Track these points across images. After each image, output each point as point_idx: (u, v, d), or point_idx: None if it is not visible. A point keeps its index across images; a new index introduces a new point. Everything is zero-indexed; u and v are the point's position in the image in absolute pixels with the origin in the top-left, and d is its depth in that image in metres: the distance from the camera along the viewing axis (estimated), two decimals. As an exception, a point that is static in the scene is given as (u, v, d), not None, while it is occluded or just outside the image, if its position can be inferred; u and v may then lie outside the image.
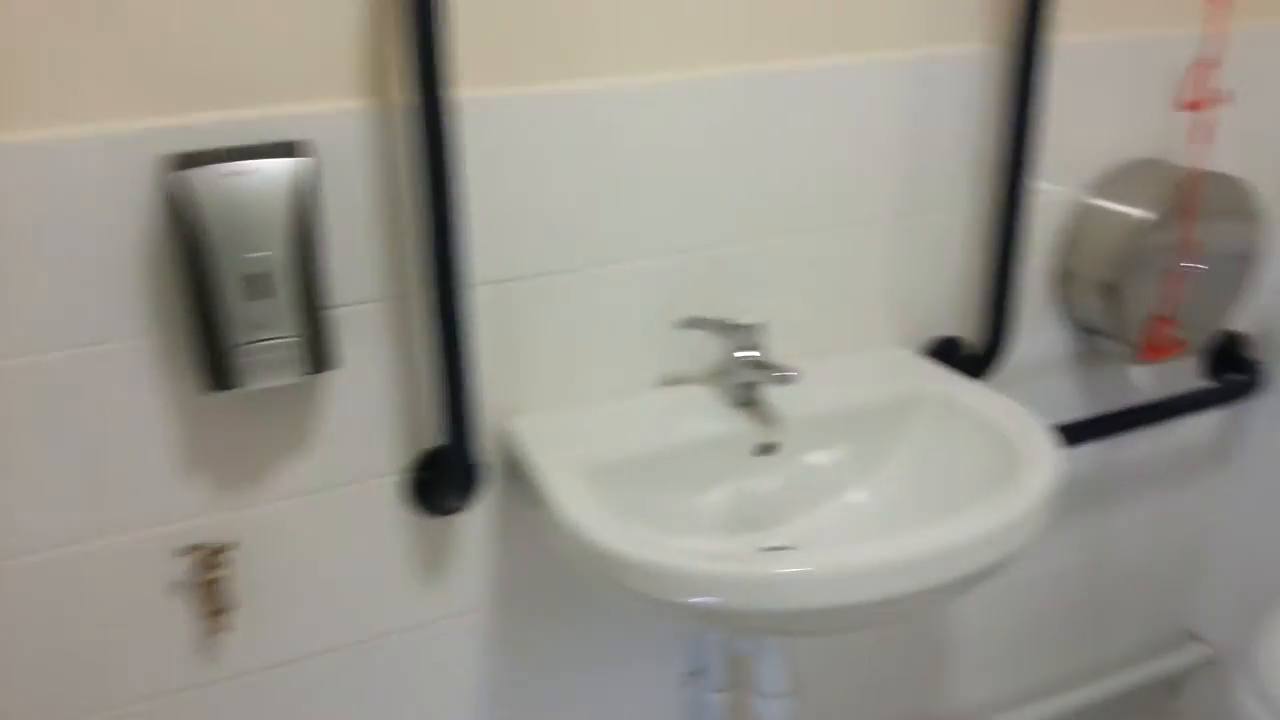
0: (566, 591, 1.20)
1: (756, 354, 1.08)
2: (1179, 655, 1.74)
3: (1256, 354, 1.52)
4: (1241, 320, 1.51)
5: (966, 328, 1.30)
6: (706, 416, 1.09)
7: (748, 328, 1.08)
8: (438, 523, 1.08)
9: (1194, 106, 1.24)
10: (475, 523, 1.10)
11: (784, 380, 1.04)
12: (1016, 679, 1.63)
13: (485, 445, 1.07)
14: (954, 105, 1.17)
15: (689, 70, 1.03)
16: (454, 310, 0.92)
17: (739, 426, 1.09)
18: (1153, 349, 1.32)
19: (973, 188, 1.23)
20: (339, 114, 0.90)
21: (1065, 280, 1.33)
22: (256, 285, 0.83)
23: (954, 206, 1.23)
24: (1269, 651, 1.25)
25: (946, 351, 1.29)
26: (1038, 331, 1.35)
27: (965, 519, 0.90)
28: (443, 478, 1.02)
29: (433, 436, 1.04)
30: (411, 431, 1.03)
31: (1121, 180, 1.29)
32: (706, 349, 1.15)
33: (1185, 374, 1.51)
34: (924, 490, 1.11)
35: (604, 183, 1.03)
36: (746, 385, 1.10)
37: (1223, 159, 1.34)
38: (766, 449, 1.11)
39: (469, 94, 0.94)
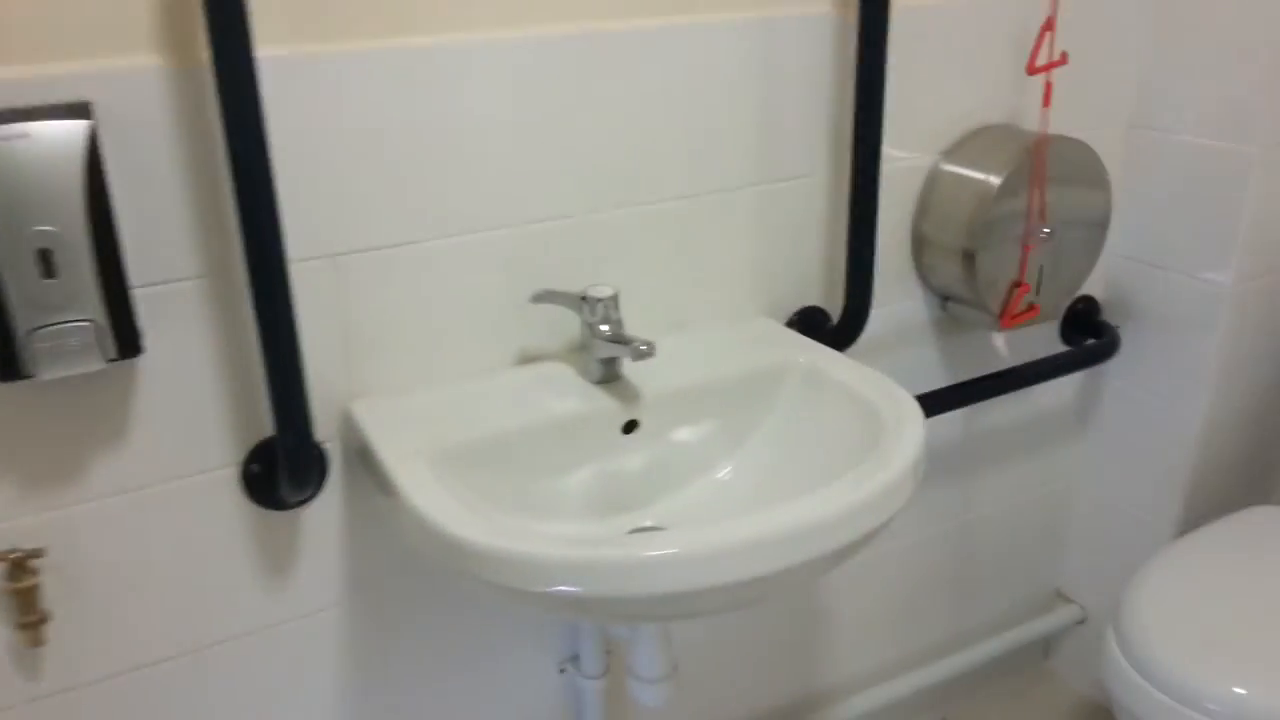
0: (429, 582, 1.14)
1: (614, 328, 1.04)
2: (1049, 616, 1.78)
3: (1108, 318, 1.56)
4: (1093, 285, 1.55)
5: (829, 297, 1.29)
6: (565, 394, 1.05)
7: (604, 300, 1.04)
8: (281, 517, 1.01)
9: (1040, 70, 1.26)
10: (323, 515, 1.03)
11: (642, 354, 1.00)
12: (892, 649, 1.64)
13: (327, 432, 1.00)
14: (803, 69, 1.16)
15: (528, 27, 0.98)
16: (274, 287, 0.85)
17: (600, 404, 1.05)
18: (1010, 315, 1.34)
19: (828, 154, 1.21)
20: (134, 72, 0.81)
21: (923, 248, 1.33)
22: (45, 263, 0.75)
23: (811, 174, 1.21)
24: (1132, 610, 1.28)
25: (810, 321, 1.28)
26: (898, 300, 1.35)
27: (833, 491, 0.88)
28: (280, 469, 0.95)
29: (267, 425, 0.97)
30: (243, 420, 0.96)
31: (974, 146, 1.30)
32: (564, 324, 1.10)
33: (1042, 339, 1.54)
34: (792, 463, 1.09)
35: (441, 148, 0.97)
36: (606, 361, 1.06)
37: (1070, 122, 1.37)
38: (630, 426, 1.07)
39: (282, 50, 0.87)
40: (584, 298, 1.05)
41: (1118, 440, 1.64)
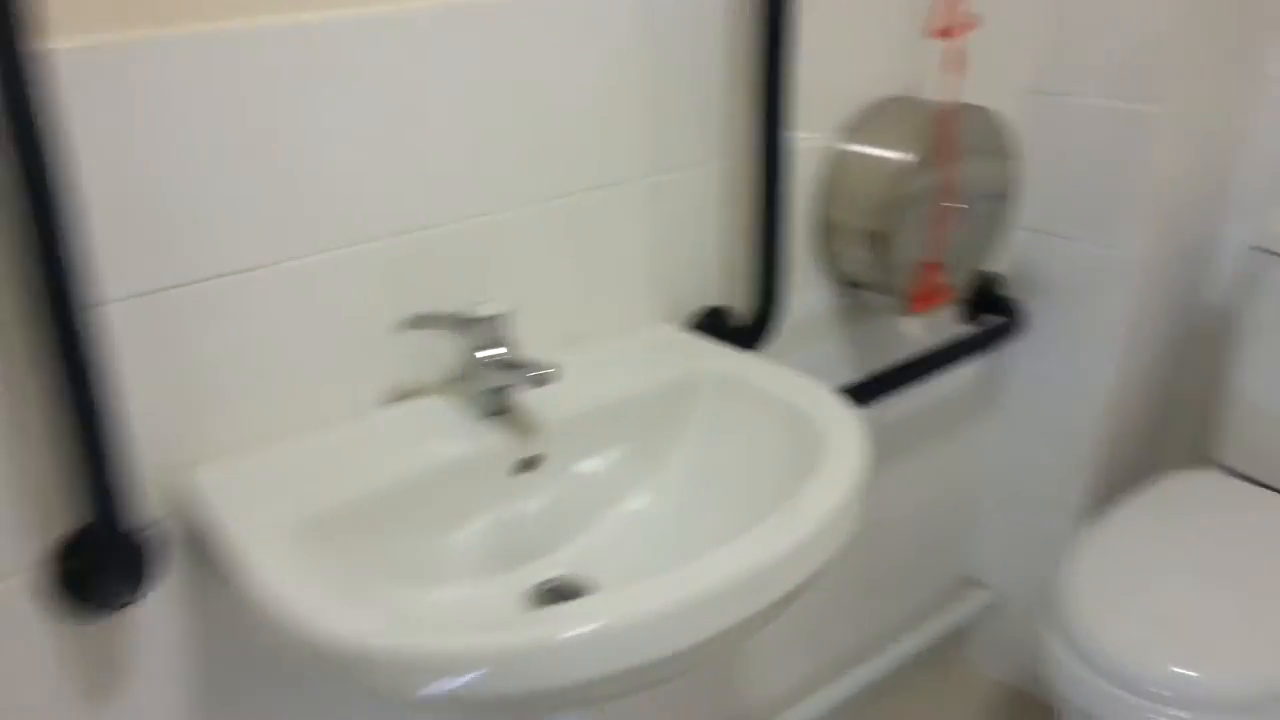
0: (299, 693, 0.95)
1: (503, 351, 0.88)
2: (963, 604, 1.72)
3: (1013, 294, 1.49)
4: (996, 261, 1.48)
5: (733, 295, 1.16)
6: (448, 435, 0.89)
7: (488, 320, 0.89)
8: (102, 623, 0.82)
9: (945, 34, 1.16)
10: (154, 615, 0.84)
11: (541, 380, 0.85)
12: (808, 662, 1.54)
13: (155, 512, 0.81)
14: (694, 48, 1.02)
15: (373, 4, 0.81)
16: (75, 338, 0.66)
17: (490, 442, 0.89)
18: (922, 298, 1.24)
19: (725, 140, 1.09)
20: None
21: (828, 233, 1.22)
22: None
23: (707, 162, 1.08)
24: (1069, 597, 1.21)
25: (715, 323, 1.15)
26: (805, 291, 1.24)
27: (780, 524, 0.76)
28: (97, 565, 0.76)
29: (77, 512, 0.77)
30: (44, 510, 0.76)
31: (876, 121, 1.20)
32: (441, 352, 0.94)
33: (946, 320, 1.46)
34: (717, 485, 0.96)
35: (282, 152, 0.79)
36: (495, 391, 0.91)
37: (970, 89, 1.28)
38: (528, 464, 0.92)
39: (74, 42, 0.68)
40: (466, 319, 0.89)
41: (1022, 417, 1.58)
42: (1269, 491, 1.40)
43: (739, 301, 1.17)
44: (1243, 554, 1.25)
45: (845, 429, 0.88)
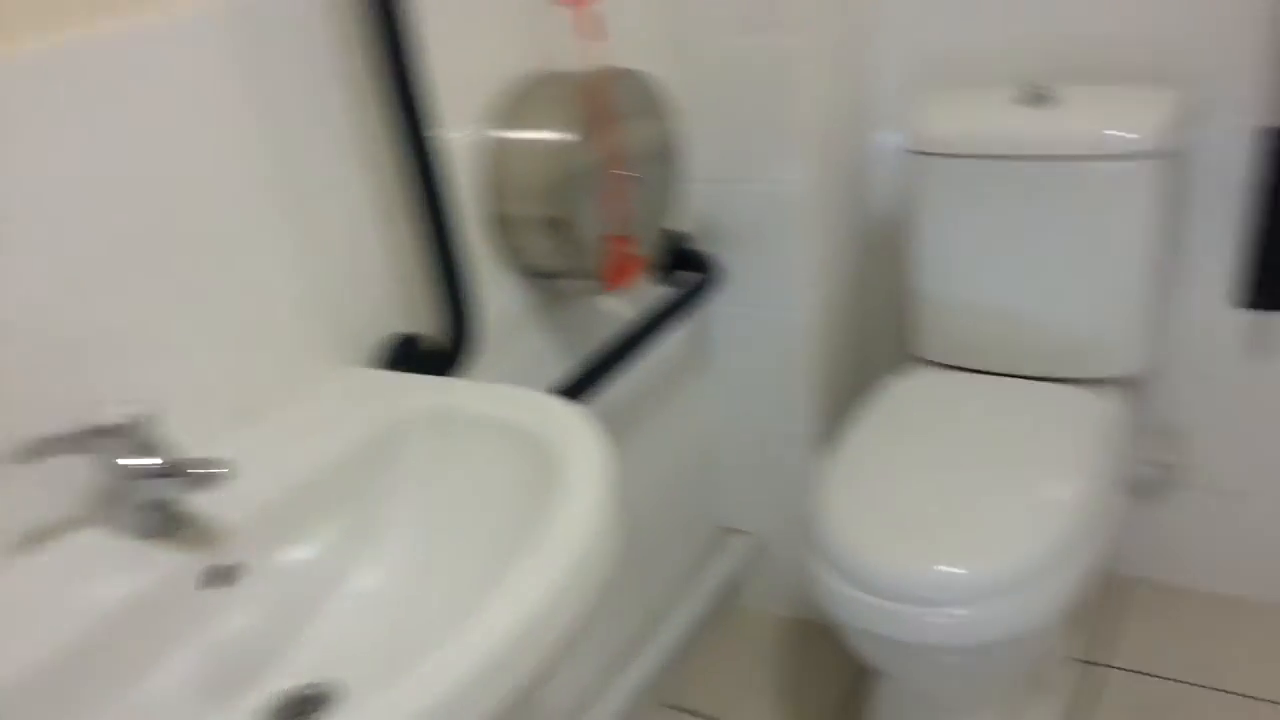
0: None
1: (155, 461, 0.73)
2: (729, 554, 1.72)
3: (703, 248, 1.48)
4: (679, 219, 1.46)
5: (420, 317, 1.06)
6: (111, 570, 0.73)
7: (127, 425, 0.73)
8: None
9: (571, 1, 1.10)
10: None
11: (207, 479, 0.72)
12: (592, 660, 1.48)
13: None
14: (306, 61, 0.90)
15: None
16: None
17: (164, 564, 0.74)
18: (616, 273, 1.19)
19: (364, 155, 0.97)
20: None
21: (506, 228, 1.14)
22: None
23: (348, 184, 0.96)
24: (826, 523, 1.21)
25: (408, 352, 1.04)
26: (497, 295, 1.16)
27: (530, 571, 0.67)
28: None
29: None
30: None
31: (526, 103, 1.12)
32: (81, 474, 0.77)
33: (645, 288, 1.43)
34: (451, 536, 0.86)
35: None
36: (156, 505, 0.76)
37: (619, 52, 1.24)
38: (222, 575, 0.78)
39: None
40: (97, 430, 0.73)
41: (740, 362, 1.59)
42: (970, 373, 1.48)
43: (429, 323, 1.06)
44: (966, 437, 1.31)
45: (577, 436, 0.81)
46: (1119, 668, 1.57)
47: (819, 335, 1.53)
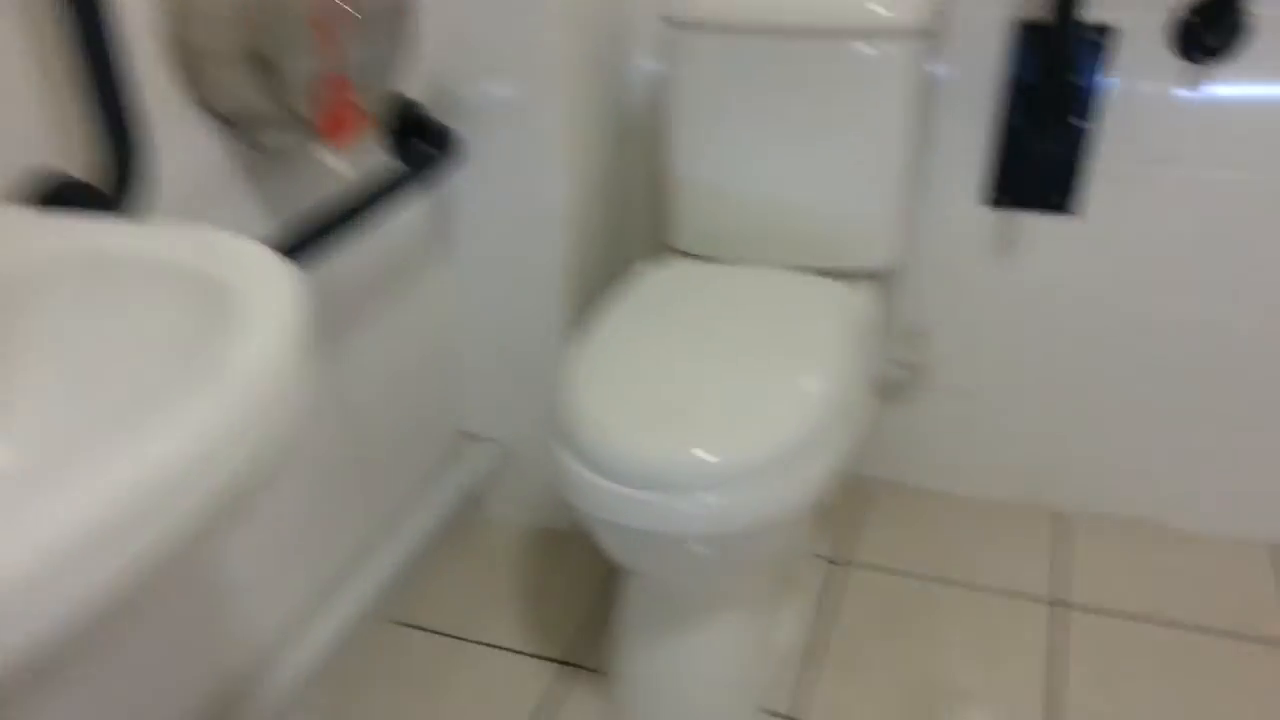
0: None
1: None
2: (470, 461, 1.60)
3: (442, 121, 1.33)
4: (413, 85, 1.30)
5: (74, 156, 0.86)
6: None
7: None
8: None
9: None
10: None
11: None
12: (314, 578, 1.33)
13: None
14: None
15: None
16: None
17: None
18: (334, 125, 1.03)
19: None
20: None
21: (197, 64, 0.95)
22: None
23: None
24: (567, 411, 1.12)
25: (66, 194, 0.84)
26: (186, 140, 0.97)
27: (185, 412, 0.52)
28: None
29: None
30: None
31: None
32: None
33: (375, 158, 1.26)
34: (103, 399, 0.69)
35: None
36: None
37: None
38: None
39: None
40: None
41: (482, 253, 1.46)
42: (724, 263, 1.42)
43: (88, 162, 0.86)
44: (718, 327, 1.25)
45: (260, 275, 0.66)
46: (863, 564, 1.59)
47: (572, 223, 1.42)
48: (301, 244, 1.05)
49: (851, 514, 1.69)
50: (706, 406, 1.10)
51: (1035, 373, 1.58)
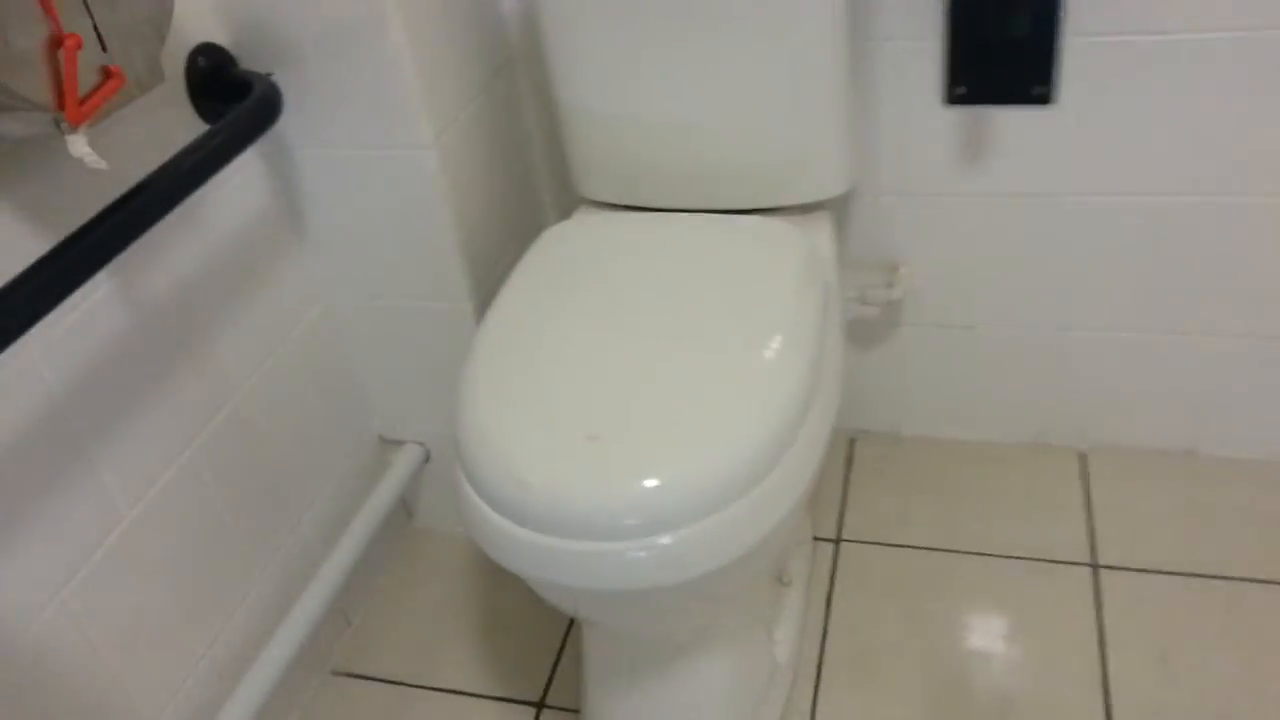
0: None
1: None
2: (393, 469, 1.34)
3: (242, 69, 1.04)
4: (216, 30, 1.00)
5: None
6: None
7: None
8: None
9: None
10: None
11: None
12: (223, 636, 1.07)
13: None
14: None
15: None
16: None
17: None
18: (74, 97, 0.74)
19: None
20: None
21: None
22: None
23: None
24: (461, 421, 0.86)
25: None
26: None
27: None
28: None
29: None
30: None
31: None
32: None
33: (152, 124, 0.96)
34: None
35: None
36: None
37: None
38: None
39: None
40: None
41: (348, 223, 1.17)
42: (644, 212, 1.15)
43: None
44: (646, 296, 0.98)
45: None
46: (862, 539, 1.36)
47: (448, 178, 1.13)
48: (92, 247, 0.77)
49: (834, 478, 1.45)
50: (639, 412, 0.85)
51: (1029, 294, 1.33)
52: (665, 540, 0.79)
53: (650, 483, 0.79)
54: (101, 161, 0.73)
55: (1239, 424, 1.37)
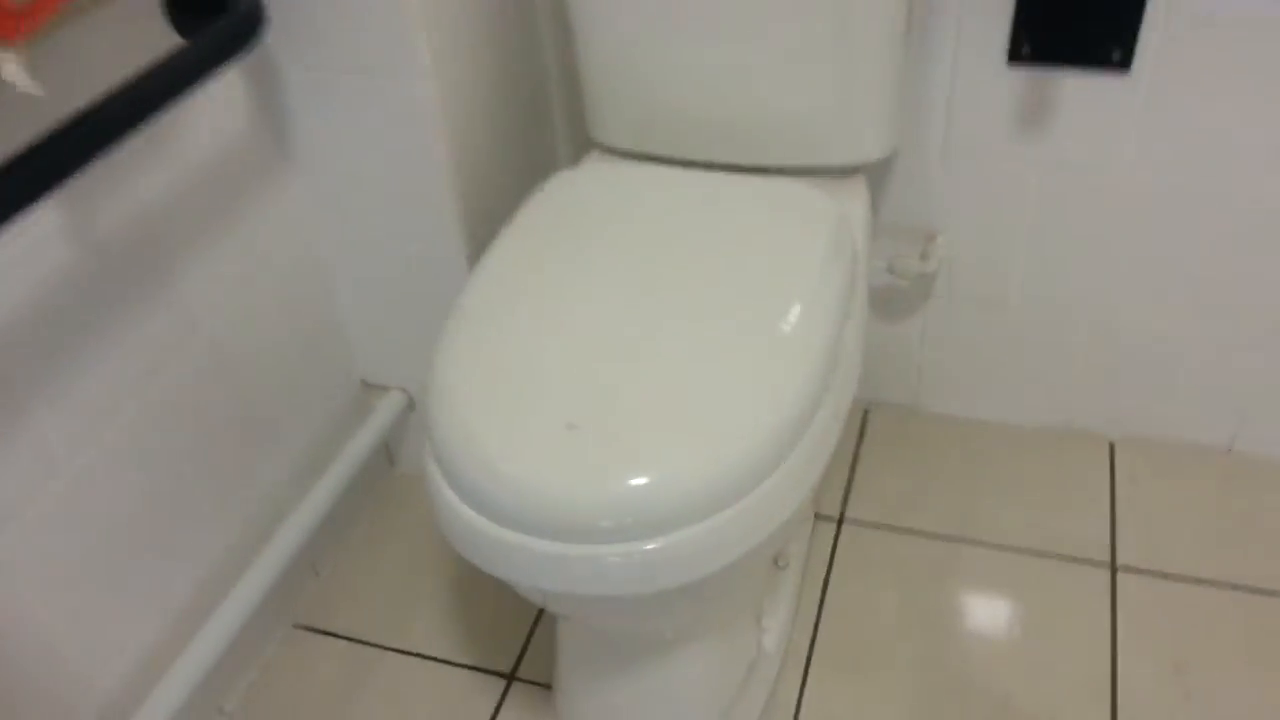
0: None
1: None
2: (374, 414, 1.27)
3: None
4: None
5: None
6: None
7: None
8: None
9: None
10: None
11: None
12: (192, 577, 1.02)
13: None
14: None
15: None
16: None
17: None
18: (12, 17, 0.64)
19: None
20: None
21: None
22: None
23: None
24: (434, 400, 0.79)
25: None
26: None
27: None
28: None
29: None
30: None
31: None
32: None
33: (140, 50, 0.87)
34: None
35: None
36: None
37: None
38: None
39: None
40: None
41: (343, 157, 1.08)
42: (661, 164, 1.06)
43: None
44: (651, 262, 0.90)
45: None
46: (869, 522, 1.29)
47: (453, 113, 1.04)
48: (39, 172, 0.69)
49: (846, 448, 1.38)
50: (634, 400, 0.76)
51: (1071, 272, 1.23)
52: (647, 546, 0.71)
53: (633, 480, 0.71)
54: (37, 86, 0.64)
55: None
